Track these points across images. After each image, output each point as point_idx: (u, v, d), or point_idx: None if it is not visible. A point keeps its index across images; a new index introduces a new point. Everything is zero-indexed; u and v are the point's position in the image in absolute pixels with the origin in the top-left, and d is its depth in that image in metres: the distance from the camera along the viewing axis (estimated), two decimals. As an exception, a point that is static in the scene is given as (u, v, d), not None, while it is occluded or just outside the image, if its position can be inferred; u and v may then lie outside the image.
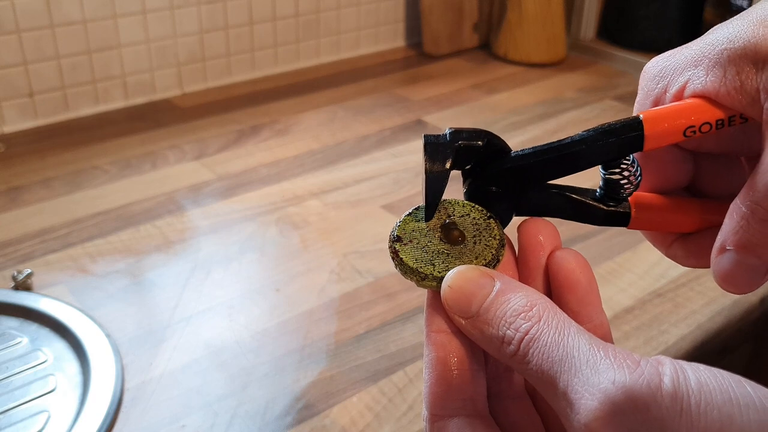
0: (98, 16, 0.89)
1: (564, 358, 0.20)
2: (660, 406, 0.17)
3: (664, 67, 0.26)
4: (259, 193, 0.75)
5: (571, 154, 0.26)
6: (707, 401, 0.17)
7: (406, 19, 1.21)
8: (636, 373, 0.19)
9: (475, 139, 0.26)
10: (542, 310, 0.21)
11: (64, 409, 0.48)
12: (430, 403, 0.23)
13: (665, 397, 0.18)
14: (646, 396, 0.18)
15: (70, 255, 0.64)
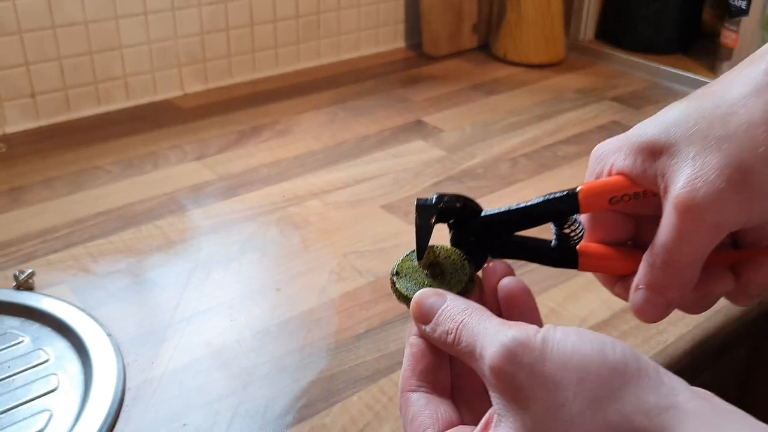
0: (100, 17, 0.89)
1: (481, 332, 0.28)
2: (534, 347, 0.26)
3: (602, 152, 0.34)
4: (260, 193, 0.76)
5: (527, 216, 0.35)
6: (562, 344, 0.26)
7: (406, 20, 1.21)
8: (523, 330, 0.27)
9: (454, 202, 0.35)
10: (473, 310, 0.30)
11: (65, 408, 0.48)
12: (401, 383, 0.32)
13: (537, 341, 0.26)
14: (527, 341, 0.26)
15: (71, 255, 0.64)
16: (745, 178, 0.28)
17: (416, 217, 0.34)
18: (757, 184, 0.29)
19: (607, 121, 0.96)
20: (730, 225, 0.30)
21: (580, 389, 0.25)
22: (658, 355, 0.54)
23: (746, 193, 0.29)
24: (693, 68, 1.11)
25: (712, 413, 0.24)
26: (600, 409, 0.24)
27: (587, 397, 0.25)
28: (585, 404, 0.24)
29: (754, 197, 0.29)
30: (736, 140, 0.29)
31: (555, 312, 0.58)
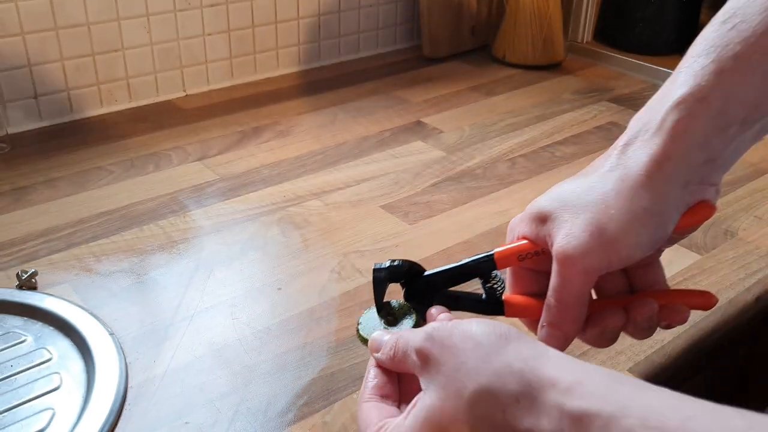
0: (102, 18, 0.89)
1: (411, 337, 0.37)
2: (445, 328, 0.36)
3: (513, 223, 0.44)
4: (261, 193, 0.76)
5: (458, 274, 0.45)
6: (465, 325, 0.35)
7: (406, 22, 1.21)
8: (436, 322, 0.38)
9: (401, 266, 0.45)
10: (403, 337, 0.39)
11: (68, 406, 0.48)
12: (359, 397, 0.40)
13: (448, 325, 0.36)
14: (440, 325, 0.36)
15: (74, 254, 0.64)
16: (602, 233, 0.38)
17: (373, 279, 0.45)
18: (611, 237, 0.38)
19: (605, 122, 0.96)
20: (596, 269, 0.39)
21: (475, 352, 0.34)
22: (656, 354, 0.55)
23: (604, 244, 0.38)
24: (691, 69, 1.11)
25: (569, 359, 0.32)
26: (489, 362, 0.33)
27: (480, 355, 0.33)
28: (478, 360, 0.33)
29: (611, 247, 0.38)
30: (595, 206, 0.39)
31: (553, 311, 0.59)
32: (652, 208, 0.38)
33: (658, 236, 0.39)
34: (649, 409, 0.28)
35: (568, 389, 0.30)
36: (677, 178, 0.38)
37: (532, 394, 0.31)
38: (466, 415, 0.32)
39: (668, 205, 0.38)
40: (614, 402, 0.29)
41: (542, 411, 0.30)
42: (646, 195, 0.38)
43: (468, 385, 0.33)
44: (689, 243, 0.69)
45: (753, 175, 0.83)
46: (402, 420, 0.35)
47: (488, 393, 0.32)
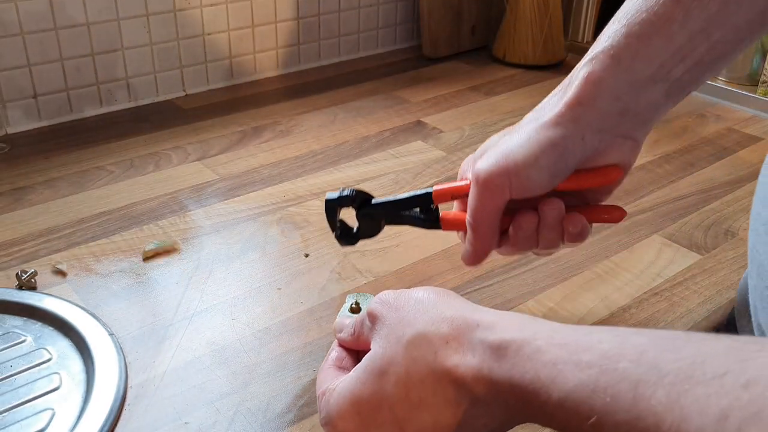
0: (102, 18, 0.89)
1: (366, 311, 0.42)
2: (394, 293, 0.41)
3: (463, 163, 0.52)
4: (261, 193, 0.76)
5: (399, 204, 0.52)
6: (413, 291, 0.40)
7: (406, 22, 1.21)
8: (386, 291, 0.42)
9: (351, 194, 0.52)
10: (361, 316, 0.43)
11: (68, 406, 0.48)
12: (320, 368, 0.43)
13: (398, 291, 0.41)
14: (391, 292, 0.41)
15: (74, 254, 0.64)
16: (508, 156, 0.44)
17: (325, 207, 0.52)
18: (515, 161, 0.44)
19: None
20: (501, 188, 0.44)
21: (415, 307, 0.38)
22: (656, 354, 0.55)
23: (509, 166, 0.44)
24: (692, 69, 1.11)
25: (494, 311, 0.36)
26: (425, 313, 0.37)
27: (419, 309, 0.38)
28: (417, 312, 0.38)
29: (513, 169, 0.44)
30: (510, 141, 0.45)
31: (553, 311, 0.59)
32: (555, 139, 0.43)
33: (558, 168, 0.44)
34: (556, 332, 0.32)
35: (490, 326, 0.34)
36: (588, 122, 0.44)
37: (460, 335, 0.35)
38: (403, 358, 0.36)
39: (573, 141, 0.44)
40: (527, 331, 0.33)
41: (468, 348, 0.34)
42: (554, 130, 0.44)
43: (406, 332, 0.37)
44: (689, 243, 0.69)
45: (753, 175, 0.83)
46: (351, 371, 0.39)
47: (423, 337, 0.36)
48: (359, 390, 0.37)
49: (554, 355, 0.30)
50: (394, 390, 0.36)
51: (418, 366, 0.35)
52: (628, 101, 0.43)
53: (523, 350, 0.32)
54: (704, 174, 0.83)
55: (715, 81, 1.08)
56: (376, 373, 0.37)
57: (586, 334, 0.31)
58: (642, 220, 0.73)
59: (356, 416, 0.37)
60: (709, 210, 0.75)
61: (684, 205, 0.76)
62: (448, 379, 0.34)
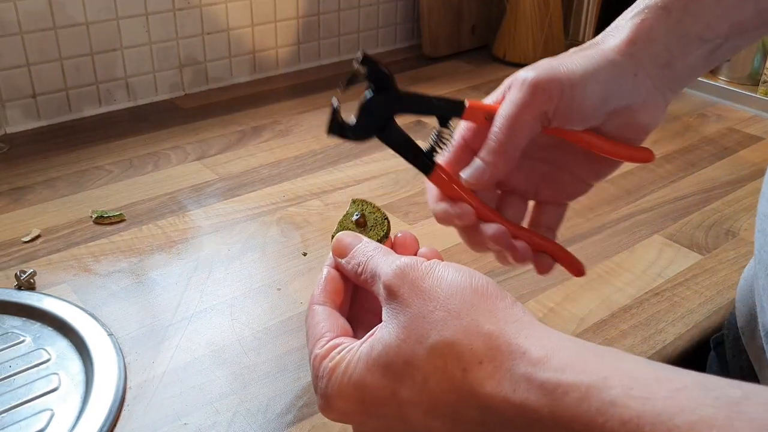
0: (101, 17, 0.89)
1: (382, 262, 0.36)
2: (418, 269, 0.34)
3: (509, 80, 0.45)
4: (261, 193, 0.76)
5: (425, 102, 0.45)
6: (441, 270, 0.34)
7: (406, 21, 1.21)
8: (413, 258, 0.35)
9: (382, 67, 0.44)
10: (380, 249, 0.38)
11: (67, 407, 0.48)
12: (311, 298, 0.39)
13: (423, 265, 0.34)
14: (414, 264, 0.35)
15: (73, 254, 0.64)
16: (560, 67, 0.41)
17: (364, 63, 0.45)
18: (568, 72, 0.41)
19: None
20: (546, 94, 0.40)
21: (446, 302, 0.32)
22: (657, 354, 0.54)
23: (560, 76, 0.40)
24: (692, 69, 1.11)
25: (545, 329, 0.31)
26: (458, 317, 0.32)
27: (451, 308, 0.32)
28: (448, 312, 0.32)
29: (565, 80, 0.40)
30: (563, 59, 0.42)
31: (554, 311, 0.59)
32: (615, 61, 0.42)
33: (610, 92, 0.41)
34: (632, 379, 0.26)
35: (539, 360, 0.29)
36: (640, 62, 0.42)
37: (498, 359, 0.30)
38: (423, 362, 0.31)
39: (627, 74, 0.42)
40: (593, 372, 0.27)
41: (507, 379, 0.29)
42: (613, 55, 0.42)
43: (431, 335, 0.32)
44: (690, 243, 0.69)
45: (754, 175, 0.83)
46: (357, 346, 0.35)
47: (451, 347, 0.31)
48: (368, 380, 0.33)
49: (636, 412, 0.25)
50: (408, 393, 0.32)
51: (439, 378, 0.31)
52: (675, 54, 0.43)
53: (591, 401, 0.26)
54: (705, 174, 0.83)
55: (716, 81, 1.08)
56: (390, 369, 0.33)
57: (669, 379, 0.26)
58: (643, 220, 0.73)
59: (359, 403, 0.34)
60: (710, 210, 0.75)
61: (685, 205, 0.76)
62: (476, 403, 0.30)
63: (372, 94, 0.45)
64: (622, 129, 0.43)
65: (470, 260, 0.65)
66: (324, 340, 0.36)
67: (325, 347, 0.36)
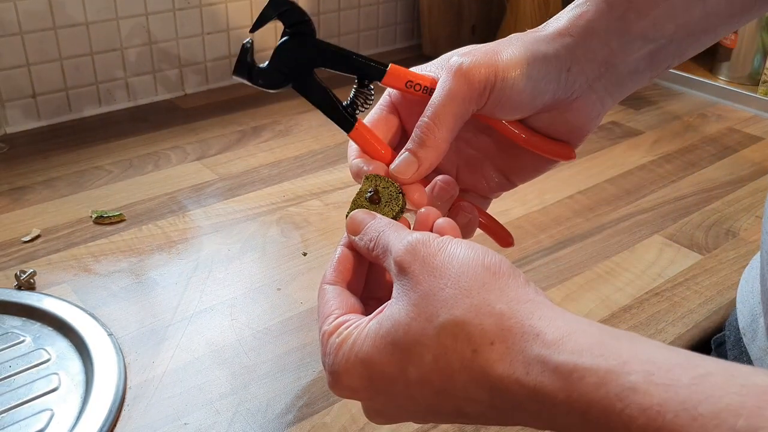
0: (101, 17, 0.89)
1: (394, 237, 0.36)
2: (430, 245, 0.33)
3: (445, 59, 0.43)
4: (261, 193, 0.76)
5: (345, 59, 0.43)
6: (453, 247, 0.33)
7: (406, 21, 1.21)
8: (425, 233, 0.34)
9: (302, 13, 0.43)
10: (393, 224, 0.37)
11: (67, 407, 0.48)
12: (323, 278, 0.39)
13: (434, 242, 0.33)
14: (426, 240, 0.34)
15: (73, 254, 0.64)
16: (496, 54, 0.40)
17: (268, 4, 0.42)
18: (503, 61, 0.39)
19: (605, 122, 0.96)
20: (480, 82, 0.39)
21: (457, 279, 0.31)
22: (657, 354, 0.54)
23: (495, 63, 0.39)
24: (692, 69, 1.11)
25: (560, 310, 0.30)
26: (469, 296, 0.31)
27: (462, 286, 0.31)
28: (458, 290, 0.31)
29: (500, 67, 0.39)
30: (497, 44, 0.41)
31: (554, 311, 0.59)
32: (548, 55, 0.40)
33: (541, 88, 0.40)
34: (653, 365, 0.25)
35: (554, 342, 0.28)
36: (575, 56, 0.41)
37: (510, 340, 0.29)
38: (432, 341, 0.31)
39: (560, 67, 0.40)
40: (611, 356, 0.26)
41: (519, 360, 0.28)
42: (546, 46, 0.40)
43: (441, 313, 0.31)
44: (690, 243, 0.69)
45: (754, 175, 0.83)
46: (365, 322, 0.34)
47: (461, 327, 0.30)
48: (375, 357, 0.32)
49: (658, 400, 0.24)
50: (416, 372, 0.31)
51: (449, 358, 0.30)
52: (615, 51, 0.41)
53: (609, 386, 0.25)
54: (705, 174, 0.83)
55: (716, 80, 1.08)
56: (398, 347, 0.32)
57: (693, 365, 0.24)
58: (643, 220, 0.73)
59: (366, 380, 0.33)
60: (710, 210, 0.75)
61: (685, 205, 0.76)
62: (487, 384, 0.29)
63: (288, 39, 0.42)
64: (552, 126, 0.43)
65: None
66: (332, 317, 0.35)
67: (332, 324, 0.35)
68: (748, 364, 0.50)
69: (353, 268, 0.39)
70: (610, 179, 0.80)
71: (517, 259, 0.65)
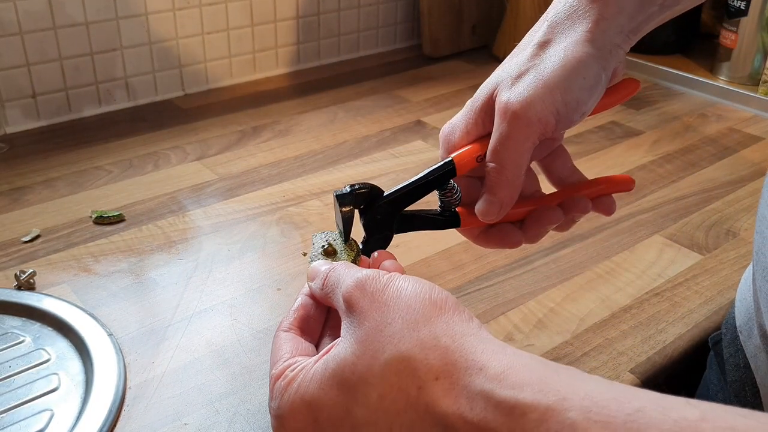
0: (101, 17, 0.89)
1: (344, 274, 0.36)
2: (379, 281, 0.34)
3: (448, 130, 0.45)
4: (261, 193, 0.76)
5: (416, 189, 0.44)
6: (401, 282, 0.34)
7: (406, 21, 1.21)
8: (374, 270, 0.35)
9: (363, 188, 0.43)
10: (342, 263, 0.38)
11: (67, 407, 0.48)
12: (281, 322, 0.40)
13: (383, 278, 0.34)
14: (375, 277, 0.34)
15: (72, 255, 0.64)
16: (546, 82, 0.40)
17: (337, 205, 0.43)
18: (555, 83, 0.40)
19: (606, 122, 0.96)
20: (540, 120, 0.39)
21: (404, 314, 0.32)
22: (657, 354, 0.54)
23: (548, 91, 0.39)
24: (692, 69, 1.11)
25: (502, 344, 0.30)
26: (415, 330, 0.31)
27: (408, 320, 0.31)
28: (405, 325, 0.31)
29: (556, 93, 0.40)
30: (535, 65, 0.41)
31: (554, 311, 0.59)
32: (593, 52, 0.40)
33: (599, 82, 0.41)
34: (591, 400, 0.25)
35: (497, 376, 0.28)
36: (611, 38, 0.41)
37: (455, 375, 0.29)
38: (377, 379, 0.30)
39: (605, 55, 0.41)
40: (552, 392, 0.26)
41: (464, 395, 0.28)
42: (588, 45, 0.40)
43: (386, 349, 0.31)
44: (690, 243, 0.69)
45: (754, 175, 0.83)
46: (312, 363, 0.34)
47: (406, 363, 0.30)
48: (321, 398, 0.32)
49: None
50: (362, 412, 0.31)
51: (395, 396, 0.30)
52: (639, 21, 0.43)
53: (550, 423, 0.25)
54: (705, 174, 0.83)
55: (716, 80, 1.08)
56: (344, 385, 0.32)
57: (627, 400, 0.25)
58: (643, 220, 0.73)
59: (312, 422, 0.33)
60: (711, 210, 0.75)
61: (685, 205, 0.76)
62: (432, 420, 0.29)
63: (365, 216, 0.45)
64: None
65: (471, 259, 0.65)
66: (281, 362, 0.36)
67: (279, 368, 0.35)
68: (743, 361, 0.50)
69: (310, 316, 0.39)
70: (610, 179, 0.80)
71: (517, 259, 0.65)
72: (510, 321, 0.57)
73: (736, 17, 1.03)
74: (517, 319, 0.57)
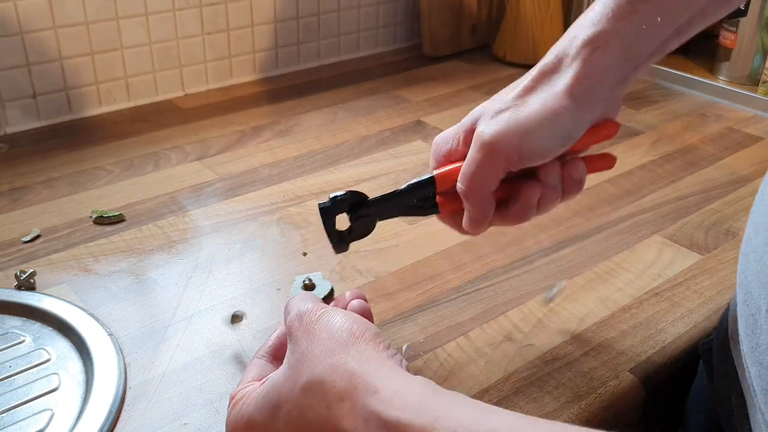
0: (101, 17, 0.89)
1: (294, 305, 0.41)
2: (314, 314, 0.39)
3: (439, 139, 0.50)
4: (261, 193, 0.76)
5: (400, 198, 0.49)
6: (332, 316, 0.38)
7: (406, 21, 1.21)
8: (316, 305, 0.40)
9: (345, 196, 0.48)
10: (302, 295, 0.42)
11: (67, 407, 0.48)
12: (261, 346, 0.45)
13: (319, 311, 0.39)
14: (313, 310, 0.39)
15: (73, 254, 0.64)
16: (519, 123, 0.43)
17: (321, 215, 0.48)
18: (527, 127, 0.43)
19: (606, 122, 0.96)
20: (507, 156, 0.43)
21: (326, 343, 0.36)
22: (657, 354, 0.54)
23: (520, 132, 0.43)
24: (692, 69, 1.11)
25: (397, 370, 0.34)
26: (330, 356, 0.35)
27: (326, 348, 0.36)
28: (323, 352, 0.36)
29: (526, 136, 0.43)
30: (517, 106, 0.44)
31: (554, 311, 0.59)
32: (570, 107, 0.43)
33: (570, 135, 0.44)
34: (457, 421, 0.29)
35: (387, 398, 0.32)
36: (594, 93, 0.44)
37: (355, 397, 0.33)
38: (297, 400, 0.35)
39: (584, 109, 0.44)
40: (427, 413, 0.30)
41: (360, 415, 0.32)
42: (567, 99, 0.43)
43: (304, 373, 0.35)
44: (690, 243, 0.69)
45: (754, 175, 0.83)
46: (258, 386, 0.39)
47: (319, 385, 0.34)
48: (255, 416, 0.37)
49: None
50: (285, 428, 0.36)
51: (310, 414, 0.34)
52: (626, 73, 0.45)
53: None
54: (705, 174, 0.83)
55: (716, 81, 1.08)
56: (271, 405, 0.37)
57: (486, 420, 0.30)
58: (643, 220, 0.73)
59: None
60: (710, 210, 0.75)
61: (685, 205, 0.76)
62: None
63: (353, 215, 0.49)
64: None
65: (471, 259, 0.65)
66: (240, 385, 0.40)
67: (235, 390, 0.40)
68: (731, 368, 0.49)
69: (283, 344, 0.43)
70: (610, 179, 0.80)
71: (517, 259, 0.65)
72: (510, 321, 0.57)
73: (736, 17, 1.03)
74: (516, 319, 0.58)
